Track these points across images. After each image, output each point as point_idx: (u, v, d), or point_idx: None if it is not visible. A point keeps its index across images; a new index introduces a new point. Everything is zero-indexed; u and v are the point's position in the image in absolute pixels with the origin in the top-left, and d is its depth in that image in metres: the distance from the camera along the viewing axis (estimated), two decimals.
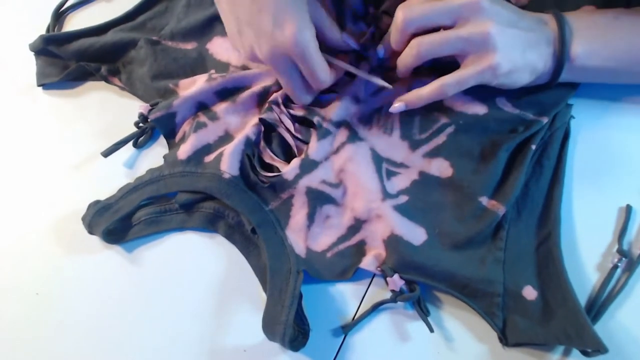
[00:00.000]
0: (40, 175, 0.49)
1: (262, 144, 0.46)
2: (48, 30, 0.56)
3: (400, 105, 0.42)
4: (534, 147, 0.42)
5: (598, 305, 0.39)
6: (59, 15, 0.57)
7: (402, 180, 0.44)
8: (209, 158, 0.46)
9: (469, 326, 0.40)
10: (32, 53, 0.54)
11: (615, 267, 0.40)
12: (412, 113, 0.45)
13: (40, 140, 0.51)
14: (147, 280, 0.44)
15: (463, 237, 0.41)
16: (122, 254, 0.45)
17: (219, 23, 0.51)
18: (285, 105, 0.46)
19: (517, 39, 0.39)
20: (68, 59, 0.53)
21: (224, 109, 0.47)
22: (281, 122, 0.46)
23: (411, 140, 0.45)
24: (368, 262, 0.41)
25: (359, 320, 0.40)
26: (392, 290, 0.40)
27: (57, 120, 0.52)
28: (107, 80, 0.52)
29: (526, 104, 0.44)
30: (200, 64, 0.51)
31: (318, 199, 0.44)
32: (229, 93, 0.48)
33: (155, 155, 0.49)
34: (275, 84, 0.47)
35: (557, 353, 0.38)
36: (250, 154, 0.45)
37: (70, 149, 0.50)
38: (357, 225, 0.43)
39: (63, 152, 0.50)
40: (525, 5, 0.42)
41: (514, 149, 0.43)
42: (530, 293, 0.39)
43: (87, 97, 0.53)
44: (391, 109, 0.43)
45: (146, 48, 0.51)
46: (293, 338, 0.39)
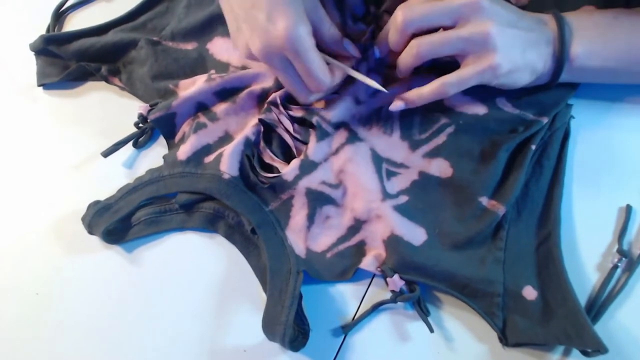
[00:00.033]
0: (40, 175, 0.49)
1: (262, 144, 0.46)
2: (48, 30, 0.56)
3: (400, 104, 0.42)
4: (534, 147, 0.42)
5: (598, 305, 0.39)
6: (59, 15, 0.57)
7: (402, 181, 0.44)
8: (209, 159, 0.46)
9: (469, 326, 0.40)
10: (32, 53, 0.54)
11: (615, 267, 0.40)
12: (412, 113, 0.45)
13: (40, 140, 0.51)
14: (147, 280, 0.44)
15: (463, 237, 0.41)
16: (122, 254, 0.45)
17: (219, 23, 0.51)
18: (284, 105, 0.46)
19: (517, 39, 0.39)
20: (68, 59, 0.53)
21: (223, 109, 0.47)
22: (280, 123, 0.46)
23: (411, 140, 0.45)
24: (368, 263, 0.41)
25: (359, 320, 0.40)
26: (392, 291, 0.40)
27: (57, 120, 0.52)
28: (108, 81, 0.52)
29: (526, 104, 0.44)
30: (200, 64, 0.51)
31: (318, 200, 0.44)
32: (228, 93, 0.48)
33: (155, 156, 0.49)
34: (276, 84, 0.47)
35: (557, 353, 0.38)
36: (250, 155, 0.45)
37: (70, 149, 0.50)
38: (357, 225, 0.43)
39: (63, 152, 0.50)
40: (525, 5, 0.42)
41: (514, 149, 0.43)
42: (530, 293, 0.39)
43: (87, 97, 0.53)
44: (391, 107, 0.43)
45: (147, 48, 0.51)
46: (293, 338, 0.39)
